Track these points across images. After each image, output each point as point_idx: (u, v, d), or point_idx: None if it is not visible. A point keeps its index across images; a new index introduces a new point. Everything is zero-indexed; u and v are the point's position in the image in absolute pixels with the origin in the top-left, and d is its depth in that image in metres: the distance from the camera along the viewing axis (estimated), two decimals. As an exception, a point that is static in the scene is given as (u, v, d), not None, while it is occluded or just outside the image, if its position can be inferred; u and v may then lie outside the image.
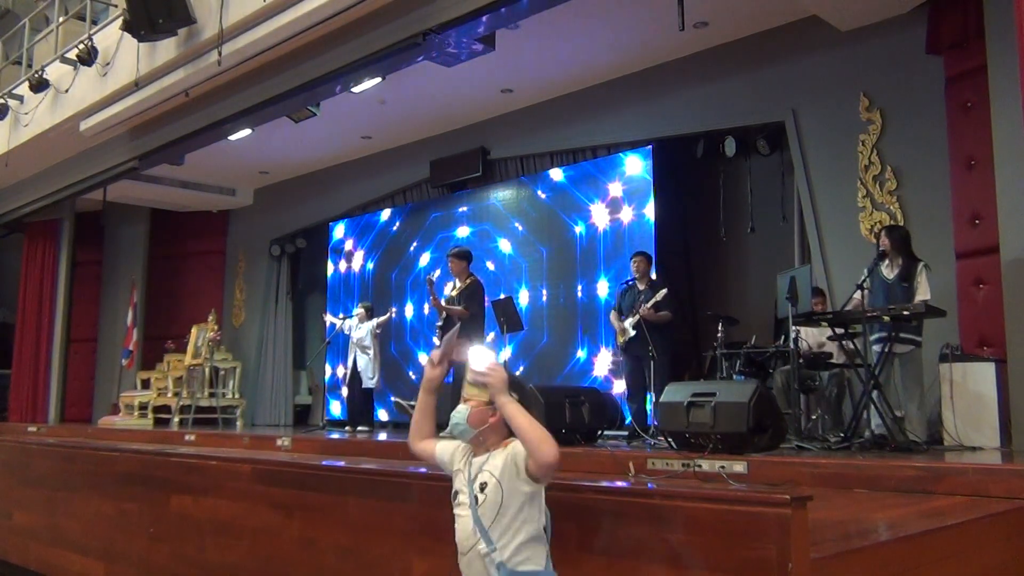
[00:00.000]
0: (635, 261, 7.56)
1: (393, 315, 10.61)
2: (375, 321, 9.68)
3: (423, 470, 4.25)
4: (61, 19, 10.62)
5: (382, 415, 11.17)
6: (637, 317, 7.12)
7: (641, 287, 7.39)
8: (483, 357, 2.62)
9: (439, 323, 7.98)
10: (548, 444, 2.46)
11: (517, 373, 7.90)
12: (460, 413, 2.62)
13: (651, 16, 7.61)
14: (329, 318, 10.72)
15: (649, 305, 7.10)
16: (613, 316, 7.57)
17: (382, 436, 8.69)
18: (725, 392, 5.06)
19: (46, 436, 9.94)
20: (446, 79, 8.80)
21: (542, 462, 2.47)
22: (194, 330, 12.20)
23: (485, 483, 2.56)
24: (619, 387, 8.28)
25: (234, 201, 13.44)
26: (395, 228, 11.73)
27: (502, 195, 10.44)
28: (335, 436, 8.57)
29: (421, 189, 11.42)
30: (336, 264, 12.59)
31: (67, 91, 9.70)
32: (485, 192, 10.61)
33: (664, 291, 7.17)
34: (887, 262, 5.87)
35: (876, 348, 5.81)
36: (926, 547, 3.05)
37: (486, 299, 8.01)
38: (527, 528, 2.54)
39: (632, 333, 7.16)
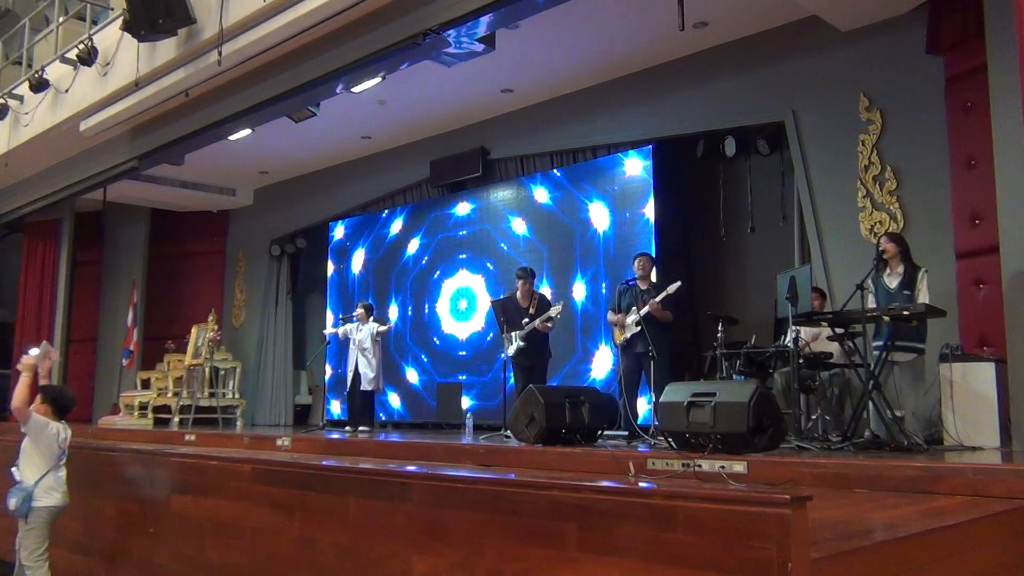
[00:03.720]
0: (639, 260, 7.52)
1: (392, 328, 10.65)
2: (376, 327, 9.64)
3: (423, 470, 4.26)
4: (61, 19, 10.61)
5: (382, 415, 11.17)
6: (645, 311, 7.09)
7: (643, 287, 7.37)
8: (33, 352, 5.19)
9: (521, 343, 7.90)
10: (13, 401, 4.83)
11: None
12: None
13: (651, 16, 7.61)
14: (329, 330, 10.71)
15: (659, 299, 7.08)
16: (611, 315, 7.53)
17: (382, 436, 8.69)
18: (725, 392, 5.06)
19: (46, 436, 9.90)
20: (446, 79, 8.80)
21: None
22: (194, 330, 12.21)
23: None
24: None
25: (234, 201, 13.45)
26: (395, 228, 11.73)
27: (502, 195, 10.44)
28: (335, 436, 8.57)
29: (421, 189, 11.41)
30: (336, 264, 12.59)
31: (67, 91, 9.69)
32: (485, 192, 10.61)
33: (677, 284, 7.09)
34: (888, 270, 5.85)
35: (876, 354, 5.79)
36: (926, 547, 3.05)
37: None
38: (35, 460, 4.95)
39: (636, 329, 7.13)
